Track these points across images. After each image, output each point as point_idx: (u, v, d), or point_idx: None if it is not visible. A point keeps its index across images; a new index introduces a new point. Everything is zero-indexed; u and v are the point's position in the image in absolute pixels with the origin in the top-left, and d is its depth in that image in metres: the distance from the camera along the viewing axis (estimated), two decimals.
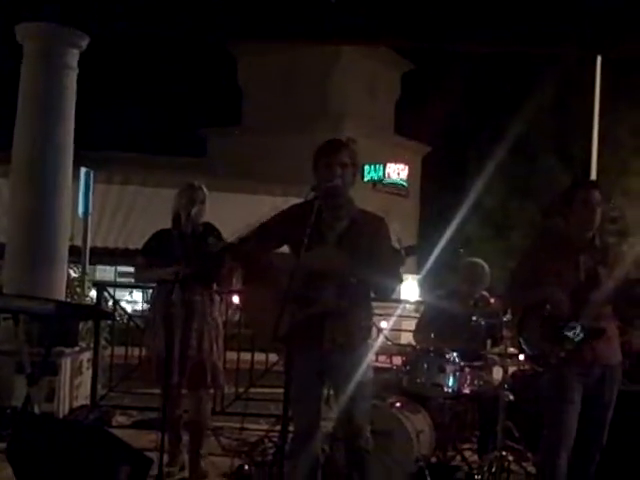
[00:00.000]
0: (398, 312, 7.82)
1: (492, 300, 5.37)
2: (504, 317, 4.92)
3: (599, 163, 18.12)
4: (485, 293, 5.56)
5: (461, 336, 5.24)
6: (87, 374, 6.63)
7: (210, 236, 4.72)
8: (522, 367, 5.54)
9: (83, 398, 6.52)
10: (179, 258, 4.57)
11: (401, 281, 3.69)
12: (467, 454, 5.13)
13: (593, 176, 17.62)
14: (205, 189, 4.86)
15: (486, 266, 5.60)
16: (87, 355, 6.68)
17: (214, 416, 5.29)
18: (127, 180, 21.37)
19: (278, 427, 4.75)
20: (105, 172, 18.40)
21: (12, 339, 5.50)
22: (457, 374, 4.90)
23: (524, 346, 4.02)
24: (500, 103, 24.34)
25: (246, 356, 6.76)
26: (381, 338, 6.01)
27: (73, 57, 6.61)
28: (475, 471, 4.71)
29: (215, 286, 4.81)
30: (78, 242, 8.62)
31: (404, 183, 28.66)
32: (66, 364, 6.24)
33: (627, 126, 21.28)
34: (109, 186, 19.57)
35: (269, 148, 25.86)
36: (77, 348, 6.50)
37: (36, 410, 5.04)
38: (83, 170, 8.65)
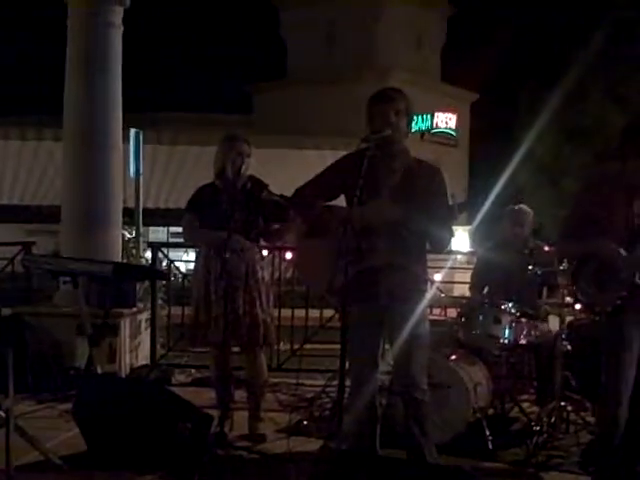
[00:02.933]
0: (450, 264, 7.76)
1: (547, 249, 5.27)
2: (560, 266, 4.85)
3: None
4: (539, 242, 5.49)
5: (516, 286, 5.18)
6: (146, 334, 6.76)
7: (262, 190, 4.60)
8: (578, 316, 5.47)
9: (143, 358, 6.65)
10: (228, 215, 4.38)
11: (453, 235, 3.64)
12: (525, 405, 5.11)
13: None
14: (248, 142, 4.70)
15: (528, 209, 5.52)
16: (145, 315, 6.80)
17: (270, 372, 5.35)
18: (175, 140, 21.44)
19: (335, 382, 4.79)
20: (153, 132, 18.53)
21: (72, 302, 5.63)
22: (513, 325, 4.86)
23: (580, 295, 3.96)
24: (549, 46, 23.71)
25: (300, 313, 6.80)
26: (434, 290, 5.98)
27: (117, 15, 6.63)
28: (533, 422, 4.69)
29: (263, 241, 4.72)
30: (131, 204, 8.72)
31: (453, 132, 28.24)
32: (125, 325, 6.35)
33: None
34: (158, 146, 19.69)
35: (315, 101, 25.69)
36: (135, 309, 6.60)
37: (99, 370, 5.18)
38: (133, 131, 8.70)
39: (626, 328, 3.74)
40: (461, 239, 19.82)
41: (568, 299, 4.85)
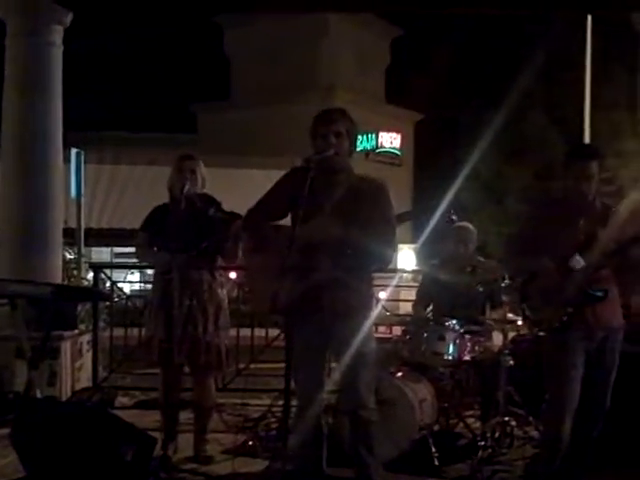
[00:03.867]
0: (395, 282, 7.81)
1: (489, 266, 5.36)
2: (502, 282, 4.93)
3: (592, 126, 18.07)
4: (482, 259, 5.56)
5: (460, 303, 5.24)
6: (87, 356, 6.63)
7: (209, 208, 4.56)
8: (522, 332, 5.55)
9: (85, 381, 6.52)
10: (173, 236, 4.38)
11: (395, 251, 3.66)
12: (470, 421, 5.16)
13: (587, 139, 17.59)
14: (198, 160, 4.68)
15: (471, 227, 5.60)
16: (87, 337, 6.67)
17: (216, 393, 5.28)
18: (118, 159, 21.23)
19: (281, 401, 4.76)
20: (96, 152, 18.28)
21: (11, 324, 5.49)
22: (457, 341, 4.91)
23: (527, 311, 4.02)
24: (491, 68, 24.22)
25: (246, 332, 6.76)
26: (380, 309, 6.00)
27: (57, 34, 6.55)
28: (478, 437, 4.73)
29: (220, 260, 4.67)
30: (72, 224, 8.59)
31: (397, 152, 28.53)
32: (66, 347, 6.23)
33: (619, 88, 21.19)
34: (101, 166, 19.45)
35: (259, 121, 25.69)
36: (76, 331, 6.48)
37: (38, 394, 5.04)
38: (74, 151, 8.59)
39: (571, 344, 3.80)
40: (407, 257, 19.99)
41: (510, 315, 4.93)
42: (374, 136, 27.32)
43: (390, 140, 28.19)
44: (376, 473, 3.63)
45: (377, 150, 27.61)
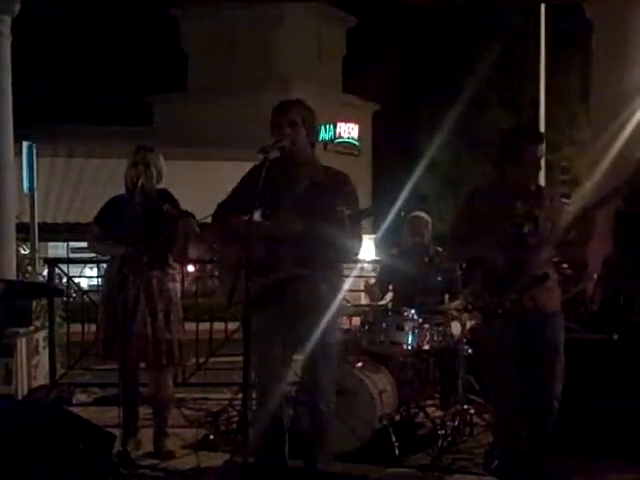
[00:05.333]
0: (355, 272, 7.81)
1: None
2: (460, 271, 4.96)
3: (547, 114, 18.29)
4: (440, 249, 5.59)
5: (419, 293, 5.27)
6: (44, 353, 6.52)
7: (165, 203, 4.52)
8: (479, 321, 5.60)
9: (42, 378, 6.42)
10: (126, 229, 4.33)
11: (361, 243, 3.64)
12: (430, 410, 5.19)
13: (542, 127, 17.80)
14: (154, 152, 4.63)
15: (426, 216, 5.64)
16: (43, 334, 6.56)
17: (175, 387, 5.25)
18: (73, 152, 20.93)
19: (241, 395, 4.74)
20: (49, 145, 18.00)
21: None
22: (416, 331, 4.93)
23: (469, 298, 4.03)
24: (448, 56, 24.37)
25: (205, 326, 6.71)
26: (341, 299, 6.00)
27: (5, 24, 6.37)
28: (438, 426, 4.76)
29: (171, 257, 4.63)
30: (26, 219, 8.43)
31: (356, 142, 28.58)
32: (21, 344, 6.12)
33: (573, 77, 21.49)
34: (54, 159, 19.16)
35: (217, 113, 25.51)
36: (32, 327, 6.33)
37: None
38: (25, 144, 8.41)
39: (508, 334, 3.80)
40: (367, 247, 20.08)
41: None
42: (332, 126, 27.33)
43: (348, 130, 28.23)
44: (325, 465, 3.63)
45: (335, 140, 27.62)
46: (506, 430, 3.88)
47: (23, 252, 7.40)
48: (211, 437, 4.87)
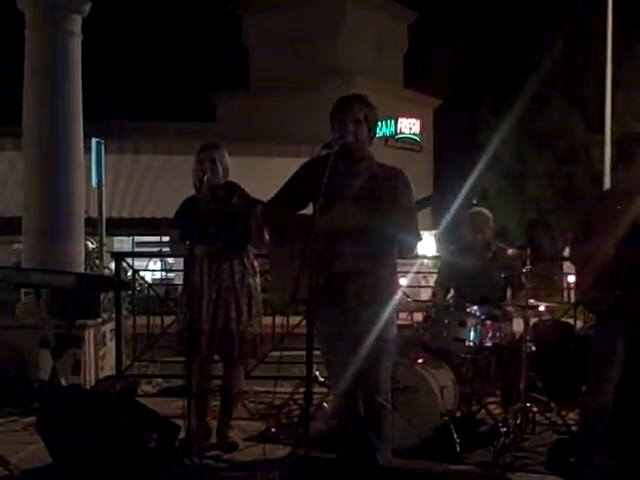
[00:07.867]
0: (416, 268, 7.79)
1: (510, 251, 5.32)
2: (523, 268, 4.91)
3: (613, 108, 17.89)
4: (502, 244, 5.54)
5: (481, 289, 5.22)
6: (111, 345, 6.67)
7: (233, 196, 4.56)
8: (543, 318, 5.54)
9: (108, 369, 6.57)
10: (198, 226, 4.39)
11: (420, 239, 3.64)
12: (491, 407, 5.15)
13: (608, 121, 17.44)
14: (219, 149, 4.65)
15: (487, 212, 5.56)
16: (110, 326, 6.72)
17: None
18: (138, 149, 21.30)
19: (302, 389, 4.78)
20: (116, 142, 18.38)
21: (35, 313, 5.55)
22: (478, 327, 4.89)
23: (582, 296, 4.07)
24: (511, 51, 24.01)
25: (267, 320, 6.77)
26: (401, 295, 6.00)
27: (76, 23, 6.56)
28: (500, 424, 4.72)
29: (250, 245, 4.65)
30: (94, 214, 8.63)
31: (417, 137, 28.37)
32: (90, 336, 6.28)
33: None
34: (121, 155, 19.53)
35: (278, 109, 25.66)
36: (99, 320, 6.53)
37: (63, 383, 5.11)
38: (94, 141, 8.62)
39: (615, 332, 3.84)
40: (427, 243, 19.94)
41: (532, 301, 4.91)
42: (393, 122, 27.18)
43: (409, 126, 28.03)
44: (383, 458, 3.62)
45: (396, 136, 27.46)
46: (594, 432, 3.87)
47: (91, 246, 7.58)
48: (273, 430, 4.92)
